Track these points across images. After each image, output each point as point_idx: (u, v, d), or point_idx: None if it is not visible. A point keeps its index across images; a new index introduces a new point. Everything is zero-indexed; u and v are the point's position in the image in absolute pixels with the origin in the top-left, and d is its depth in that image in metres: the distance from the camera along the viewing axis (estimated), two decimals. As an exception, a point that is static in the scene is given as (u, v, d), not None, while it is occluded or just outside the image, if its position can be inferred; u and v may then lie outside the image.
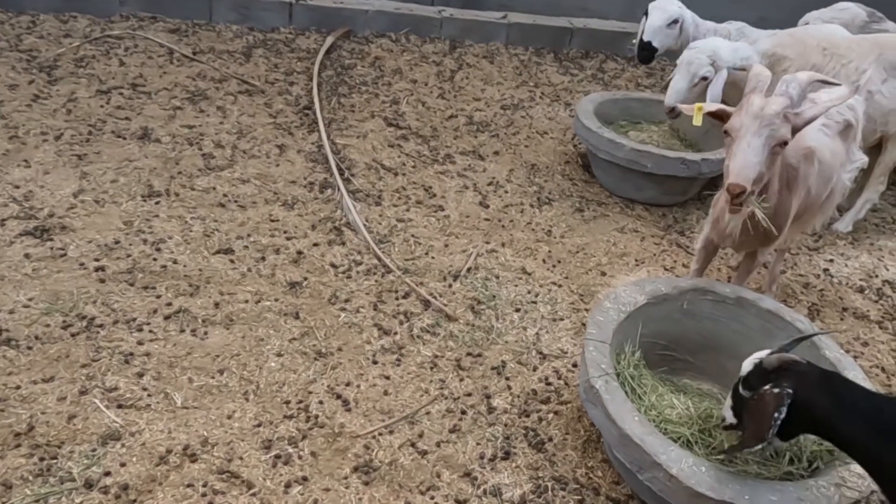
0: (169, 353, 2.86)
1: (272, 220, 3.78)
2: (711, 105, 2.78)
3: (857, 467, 2.20)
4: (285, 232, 3.70)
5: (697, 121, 3.01)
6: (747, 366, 2.14)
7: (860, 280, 4.11)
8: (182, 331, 2.98)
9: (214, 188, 3.95)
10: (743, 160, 2.41)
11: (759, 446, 2.00)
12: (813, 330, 2.74)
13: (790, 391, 1.95)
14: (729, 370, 2.83)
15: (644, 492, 2.45)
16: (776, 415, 1.94)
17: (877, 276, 4.17)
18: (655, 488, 2.21)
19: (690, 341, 2.90)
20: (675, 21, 4.55)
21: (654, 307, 2.83)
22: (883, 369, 3.42)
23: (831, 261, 4.26)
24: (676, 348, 2.92)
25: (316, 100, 4.97)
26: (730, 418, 2.20)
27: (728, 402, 2.21)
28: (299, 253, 3.56)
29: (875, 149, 4.32)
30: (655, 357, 2.88)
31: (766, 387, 2.02)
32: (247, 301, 3.20)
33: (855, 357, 3.41)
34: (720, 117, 2.60)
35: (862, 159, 3.45)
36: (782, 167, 2.72)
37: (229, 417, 2.64)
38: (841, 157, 3.17)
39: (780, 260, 3.76)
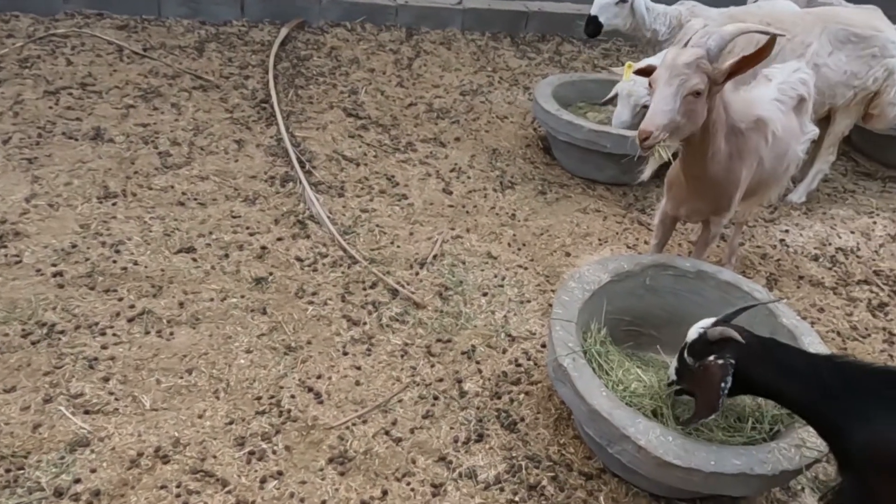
0: (134, 356, 2.81)
1: (234, 217, 3.73)
2: (640, 63, 2.83)
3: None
4: (248, 228, 3.67)
5: (627, 76, 3.16)
6: (692, 333, 2.25)
7: (814, 249, 4.24)
8: (147, 332, 2.93)
9: (173, 186, 3.88)
10: (653, 108, 2.49)
11: (713, 416, 2.11)
12: (768, 298, 2.83)
13: (732, 361, 2.08)
14: (692, 342, 2.91)
15: (615, 464, 2.52)
16: (723, 385, 2.07)
17: (830, 245, 4.30)
18: (625, 460, 2.27)
19: (654, 316, 2.97)
20: (624, 0, 4.60)
21: (618, 284, 2.89)
22: (838, 333, 3.55)
23: (787, 231, 4.39)
24: (641, 323, 2.98)
25: (273, 93, 4.91)
26: (672, 376, 2.39)
27: (673, 363, 2.37)
28: (263, 248, 3.53)
29: (824, 121, 4.45)
30: (621, 333, 2.94)
31: (711, 357, 2.14)
32: (212, 299, 3.16)
33: (812, 323, 3.53)
34: (648, 73, 2.64)
35: (814, 131, 3.55)
36: (731, 132, 2.77)
37: (200, 417, 2.61)
38: (795, 131, 3.26)
39: (739, 233, 3.86)
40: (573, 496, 2.51)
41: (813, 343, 2.63)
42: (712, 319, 2.26)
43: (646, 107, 4.19)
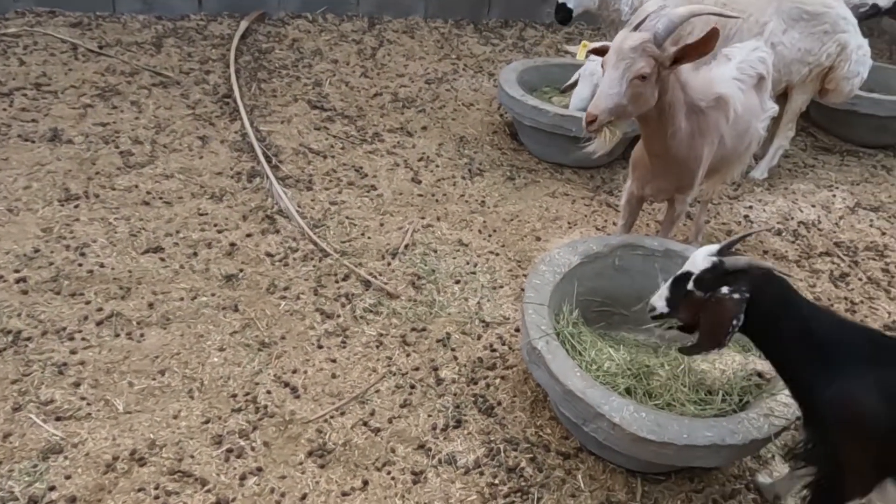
0: (105, 360, 2.77)
1: (201, 214, 3.69)
2: (595, 43, 2.86)
3: (782, 397, 2.35)
4: (216, 225, 3.62)
5: (581, 55, 3.20)
6: (702, 262, 2.09)
7: (777, 223, 4.33)
8: (117, 335, 2.89)
9: (136, 186, 3.81)
10: (600, 91, 2.53)
11: (716, 351, 2.06)
12: (764, 227, 2.87)
13: (748, 295, 1.98)
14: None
15: (591, 442, 2.56)
16: (734, 322, 1.98)
17: (792, 219, 4.40)
18: (601, 438, 2.31)
19: (624, 295, 3.01)
20: None
21: (588, 266, 2.92)
22: (802, 305, 3.64)
23: (750, 207, 4.48)
24: (612, 303, 3.02)
25: (235, 87, 4.84)
26: (661, 308, 2.22)
27: (664, 292, 2.22)
28: (232, 245, 3.50)
29: (781, 97, 4.53)
30: (593, 314, 2.98)
31: (724, 290, 2.02)
32: (182, 299, 3.12)
33: (777, 296, 3.61)
34: (602, 53, 2.67)
35: (773, 108, 3.62)
36: (692, 111, 2.82)
37: (175, 417, 2.59)
38: (755, 109, 3.32)
39: (704, 210, 3.93)
40: (552, 476, 2.55)
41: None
42: (716, 246, 2.16)
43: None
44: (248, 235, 3.58)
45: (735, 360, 2.62)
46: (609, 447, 2.37)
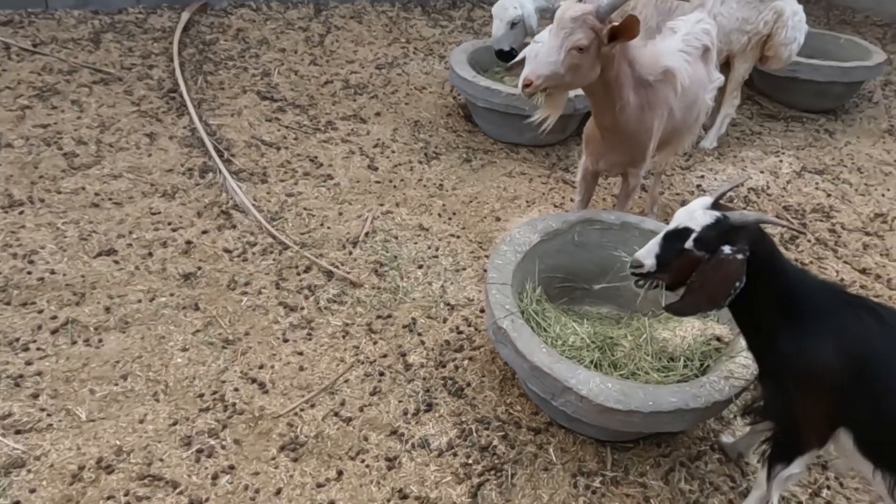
0: (63, 369, 2.70)
1: (153, 213, 3.60)
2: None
3: (741, 359, 2.43)
4: (170, 223, 3.54)
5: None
6: (703, 217, 1.95)
7: (729, 191, 4.43)
8: (74, 343, 2.81)
9: (84, 188, 3.70)
10: (539, 57, 2.56)
11: (712, 310, 1.97)
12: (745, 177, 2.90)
13: (748, 254, 1.88)
14: (622, 292, 3.03)
15: (560, 416, 2.61)
16: (737, 283, 1.88)
17: (743, 185, 4.52)
18: (570, 411, 2.35)
19: (585, 270, 3.06)
20: (515, 23, 4.60)
21: (548, 243, 2.96)
22: (756, 268, 3.76)
23: (702, 176, 4.58)
24: (573, 279, 3.07)
25: (181, 81, 4.72)
26: (650, 265, 2.05)
27: (653, 248, 2.07)
28: (188, 243, 3.42)
29: (724, 67, 4.63)
30: (555, 290, 3.03)
31: (727, 250, 1.91)
32: (140, 301, 3.06)
33: (731, 261, 3.72)
34: None
35: (719, 78, 3.70)
36: (640, 85, 2.86)
37: (141, 422, 2.54)
38: (702, 80, 3.38)
39: (658, 182, 4.00)
40: (524, 451, 2.59)
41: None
42: (709, 199, 2.02)
43: (516, 23, 4.37)
44: (205, 232, 3.52)
45: (694, 327, 2.69)
46: (578, 419, 2.41)
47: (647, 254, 2.07)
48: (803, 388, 1.97)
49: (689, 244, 1.97)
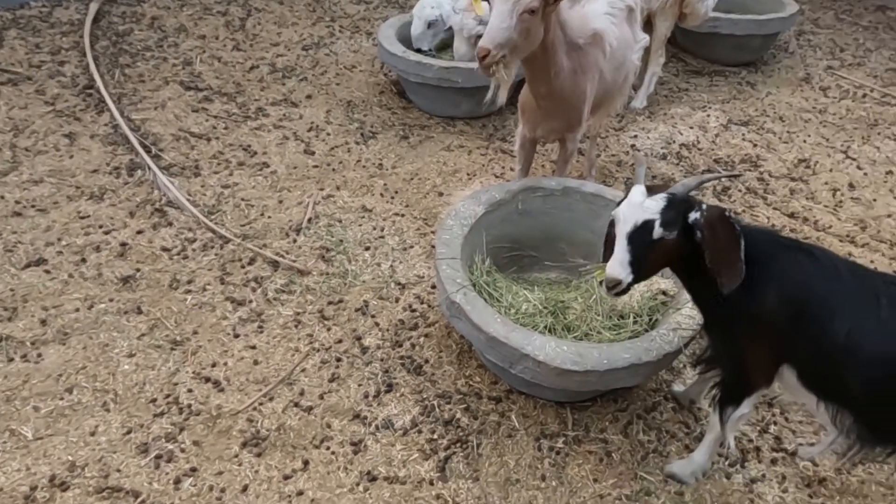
0: (2, 388, 2.57)
1: (82, 217, 3.44)
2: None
3: (686, 310, 2.52)
4: (101, 226, 3.39)
5: (480, 11, 3.19)
6: (655, 203, 1.93)
7: (661, 149, 4.56)
8: (10, 360, 2.68)
9: (2, 197, 3.49)
10: (490, 25, 2.55)
11: (740, 279, 1.88)
12: (728, 172, 2.93)
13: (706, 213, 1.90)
14: (570, 255, 3.09)
15: (519, 383, 2.65)
16: (738, 230, 1.89)
17: (674, 142, 4.64)
18: (528, 377, 2.39)
19: (531, 237, 3.10)
20: (432, 23, 4.55)
21: (493, 214, 2.97)
22: (693, 222, 3.88)
23: (635, 136, 4.68)
24: (520, 247, 3.10)
25: (96, 76, 4.49)
26: (626, 277, 1.97)
27: (622, 257, 1.97)
28: (123, 245, 3.29)
29: (647, 27, 4.71)
30: (504, 260, 3.05)
31: (695, 215, 1.94)
32: (77, 310, 2.93)
33: (669, 217, 3.83)
34: None
35: (645, 38, 3.76)
36: (571, 49, 2.88)
37: (93, 434, 2.46)
38: (629, 40, 3.43)
39: (594, 145, 4.06)
40: (487, 421, 2.63)
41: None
42: (642, 187, 2.02)
43: (480, 36, 4.28)
44: (139, 232, 3.38)
45: (640, 283, 2.76)
46: (537, 384, 2.46)
47: (619, 266, 1.96)
48: (748, 331, 2.06)
49: (658, 233, 1.94)
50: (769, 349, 2.04)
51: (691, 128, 4.80)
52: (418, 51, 4.62)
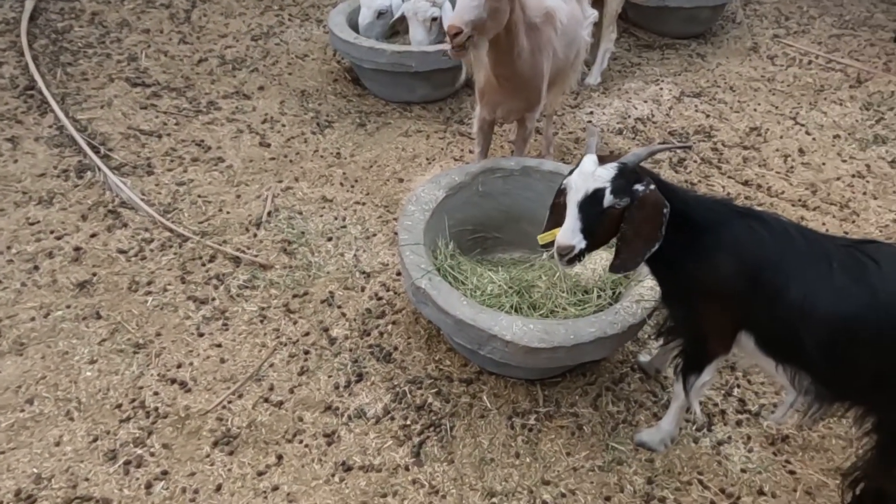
0: (-42, 404, 2.49)
1: (32, 223, 3.33)
2: None
3: (648, 282, 2.56)
4: (52, 231, 3.29)
5: None
6: (606, 172, 1.98)
7: (617, 123, 4.60)
8: (-35, 374, 2.60)
9: (-55, 207, 3.36)
10: (459, 4, 2.55)
11: (653, 248, 1.96)
12: (682, 144, 2.96)
13: (654, 187, 1.96)
14: (531, 235, 3.10)
15: (489, 364, 2.67)
16: (665, 210, 1.96)
17: (630, 117, 4.69)
18: (497, 357, 2.41)
19: (493, 219, 3.11)
20: (382, 13, 4.48)
21: (454, 197, 2.97)
22: (651, 194, 3.94)
23: (591, 113, 4.71)
24: (483, 229, 3.11)
25: (37, 76, 4.33)
26: (579, 243, 2.02)
27: (574, 225, 2.02)
28: (77, 249, 3.20)
29: (597, 3, 4.73)
30: (467, 242, 3.06)
31: (640, 187, 1.99)
32: (33, 318, 2.85)
33: (628, 191, 3.88)
34: None
35: (594, 14, 3.77)
36: (530, 28, 2.89)
37: (58, 444, 2.40)
38: (578, 17, 3.44)
39: (551, 124, 4.08)
40: (459, 403, 2.64)
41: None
42: (593, 156, 2.05)
43: (435, 19, 4.25)
44: (93, 236, 3.29)
45: (603, 258, 2.80)
46: (506, 364, 2.48)
47: (571, 233, 2.01)
48: (706, 299, 2.11)
49: (608, 201, 1.98)
50: (726, 316, 2.09)
51: (645, 101, 4.86)
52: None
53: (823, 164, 4.27)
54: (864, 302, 1.83)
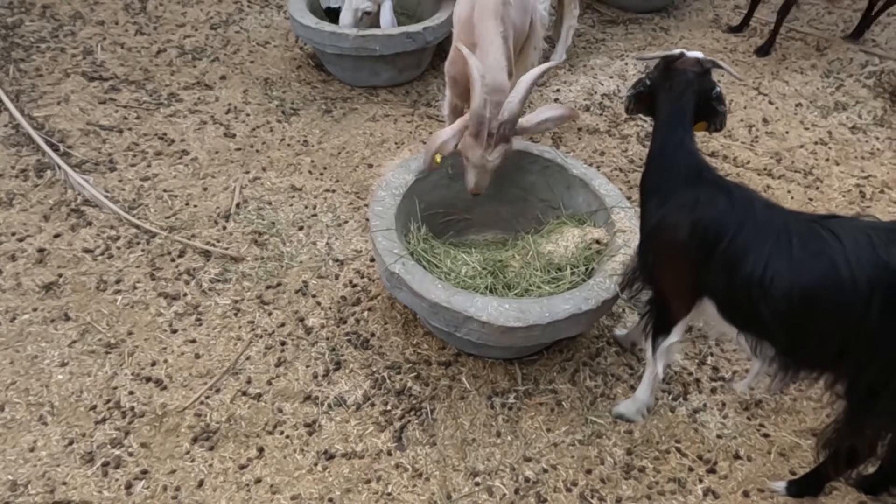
0: (-75, 414, 2.43)
1: (-8, 226, 3.24)
2: None
3: (620, 257, 2.58)
4: (13, 234, 3.21)
5: None
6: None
7: (584, 100, 4.61)
8: (-69, 384, 2.53)
9: None
10: (472, 179, 2.73)
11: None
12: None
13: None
14: (502, 215, 3.11)
15: (466, 345, 2.68)
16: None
17: (596, 93, 4.70)
18: (474, 338, 2.42)
19: (463, 200, 3.09)
20: (368, 13, 4.37)
21: (424, 181, 2.96)
22: (620, 170, 3.97)
23: (558, 90, 4.71)
24: (454, 211, 3.11)
25: (-12, 74, 4.19)
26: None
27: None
28: (41, 250, 3.13)
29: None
30: (439, 225, 3.05)
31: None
32: (-1, 323, 2.78)
33: (597, 166, 3.91)
34: None
35: None
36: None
37: (32, 450, 2.36)
38: None
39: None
40: (438, 386, 2.65)
41: (602, 184, 2.92)
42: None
43: (367, 13, 4.23)
44: (57, 236, 3.22)
45: (574, 235, 2.82)
46: (483, 344, 2.50)
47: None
48: (663, 258, 2.15)
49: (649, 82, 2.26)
50: (685, 280, 2.12)
51: (611, 77, 4.87)
52: (327, 10, 4.48)
53: (787, 132, 4.33)
54: (823, 274, 1.84)
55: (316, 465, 2.38)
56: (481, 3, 2.89)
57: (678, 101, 2.16)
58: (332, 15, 4.50)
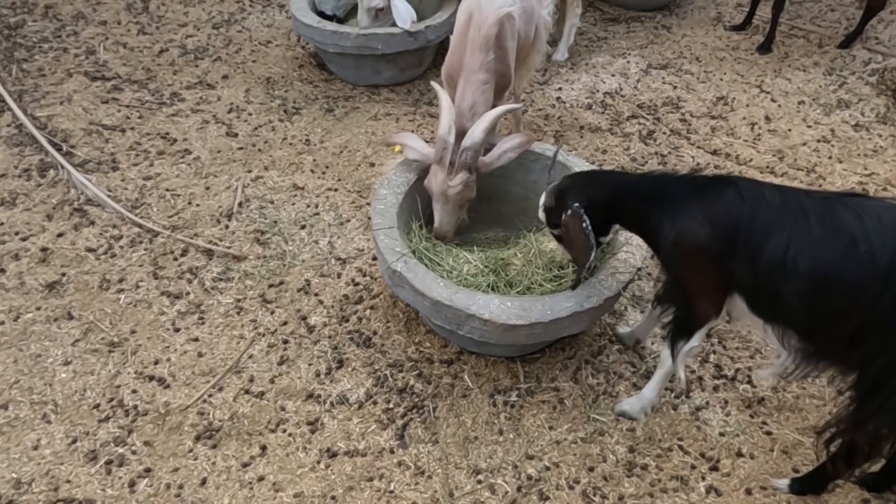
0: (-71, 413, 2.44)
1: (-5, 226, 3.25)
2: None
3: (622, 255, 2.59)
4: (17, 233, 3.22)
5: None
6: (540, 215, 2.45)
7: (586, 99, 4.61)
8: (-65, 383, 2.54)
9: None
10: (440, 217, 2.78)
11: (592, 257, 2.25)
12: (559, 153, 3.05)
13: (577, 205, 2.24)
14: (504, 214, 3.11)
15: (468, 343, 2.69)
16: (585, 227, 2.22)
17: (598, 91, 4.70)
18: (476, 336, 2.42)
19: (466, 199, 3.10)
20: (381, 9, 4.37)
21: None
22: (622, 167, 3.97)
23: (560, 89, 4.71)
24: (456, 210, 3.10)
25: (-9, 74, 4.20)
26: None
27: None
28: (44, 250, 3.14)
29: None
30: (441, 224, 3.05)
31: (564, 215, 2.29)
32: (2, 322, 2.79)
33: (600, 164, 3.90)
34: None
35: None
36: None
37: (36, 448, 2.37)
38: None
39: (519, 102, 4.07)
40: (440, 384, 2.66)
41: (603, 182, 2.92)
42: (543, 196, 2.43)
43: (380, 10, 4.19)
44: (60, 235, 3.23)
45: (576, 233, 2.81)
46: (485, 342, 2.49)
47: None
48: (690, 265, 2.14)
49: (556, 233, 2.44)
50: (713, 280, 2.12)
51: (613, 75, 4.87)
52: (321, 14, 4.49)
53: (789, 130, 4.32)
54: (844, 251, 1.84)
55: (318, 462, 2.38)
56: (475, 25, 2.89)
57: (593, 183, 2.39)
58: (327, 18, 4.49)
